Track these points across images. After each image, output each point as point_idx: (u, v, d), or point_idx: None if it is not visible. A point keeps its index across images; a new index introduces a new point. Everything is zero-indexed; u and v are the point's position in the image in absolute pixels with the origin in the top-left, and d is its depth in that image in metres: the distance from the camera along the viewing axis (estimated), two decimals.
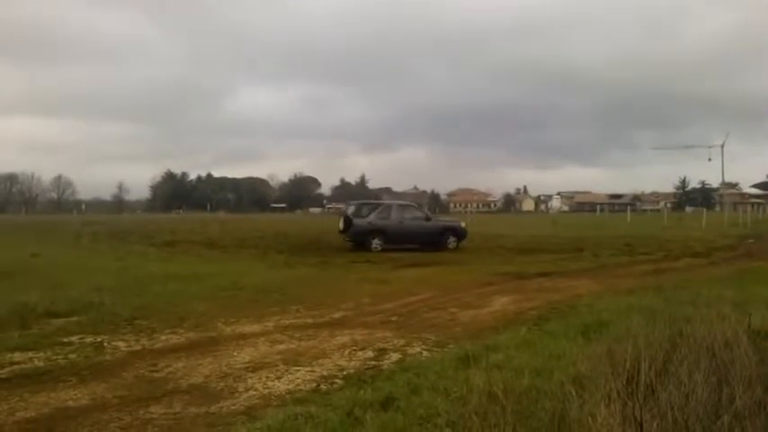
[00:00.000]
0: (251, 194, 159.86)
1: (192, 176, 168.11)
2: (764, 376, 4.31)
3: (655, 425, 3.63)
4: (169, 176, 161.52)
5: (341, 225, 24.78)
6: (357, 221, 24.20)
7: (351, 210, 25.76)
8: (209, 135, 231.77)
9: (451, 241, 24.92)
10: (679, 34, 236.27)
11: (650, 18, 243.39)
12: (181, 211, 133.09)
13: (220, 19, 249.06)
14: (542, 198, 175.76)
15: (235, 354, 7.20)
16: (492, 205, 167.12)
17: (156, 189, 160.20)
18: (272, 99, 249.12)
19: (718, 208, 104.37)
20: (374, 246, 23.57)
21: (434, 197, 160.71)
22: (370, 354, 7.11)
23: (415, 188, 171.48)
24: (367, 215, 24.66)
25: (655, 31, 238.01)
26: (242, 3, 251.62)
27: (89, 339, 7.91)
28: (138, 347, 7.56)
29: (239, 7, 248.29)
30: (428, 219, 26.34)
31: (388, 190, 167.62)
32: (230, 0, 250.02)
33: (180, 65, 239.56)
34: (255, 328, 8.73)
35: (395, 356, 6.96)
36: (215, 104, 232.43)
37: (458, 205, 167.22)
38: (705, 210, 73.40)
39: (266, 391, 5.79)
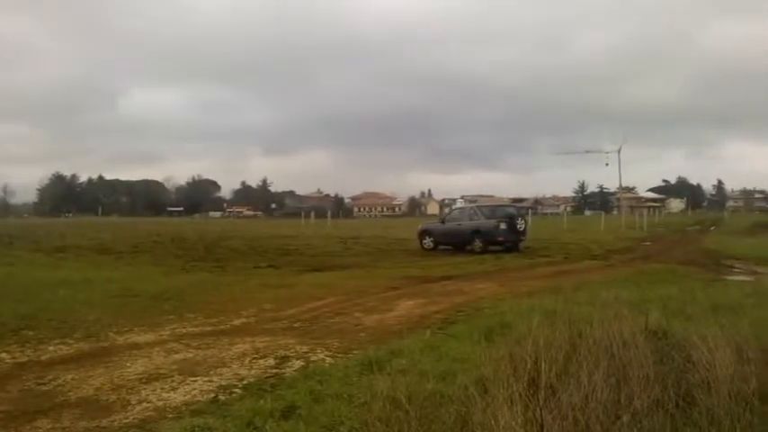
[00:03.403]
0: (146, 198, 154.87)
1: (83, 179, 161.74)
2: (661, 375, 4.44)
3: (556, 426, 3.64)
4: (58, 179, 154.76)
5: (502, 226, 24.68)
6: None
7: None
8: (101, 136, 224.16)
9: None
10: (569, 45, 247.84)
11: (542, 29, 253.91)
12: (70, 214, 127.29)
13: (113, 19, 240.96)
14: (447, 202, 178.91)
15: (128, 364, 6.88)
16: (397, 209, 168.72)
17: (43, 192, 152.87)
18: (168, 100, 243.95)
19: (616, 211, 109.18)
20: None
21: (338, 201, 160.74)
22: (271, 362, 6.92)
23: (319, 191, 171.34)
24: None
25: (546, 42, 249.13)
26: (135, 3, 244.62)
27: None
28: (24, 359, 7.17)
29: (132, 7, 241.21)
30: None
31: (291, 193, 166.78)
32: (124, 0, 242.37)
33: (70, 65, 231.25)
34: (150, 337, 8.38)
35: (297, 364, 6.81)
36: (108, 105, 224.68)
37: (362, 209, 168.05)
38: (604, 213, 76.76)
39: (161, 402, 5.53)
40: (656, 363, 4.71)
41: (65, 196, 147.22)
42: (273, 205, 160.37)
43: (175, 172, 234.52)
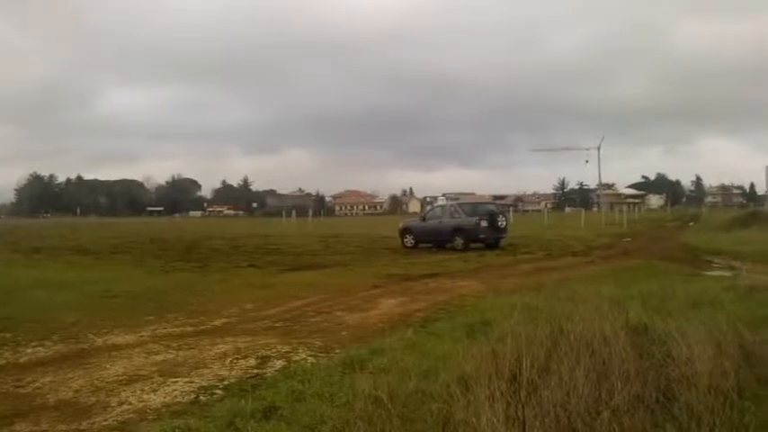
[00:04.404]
0: (125, 198, 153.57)
1: (61, 179, 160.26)
2: (642, 371, 4.46)
3: (537, 423, 3.65)
4: (35, 179, 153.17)
5: (483, 223, 24.86)
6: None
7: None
8: (80, 136, 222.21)
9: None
10: (543, 44, 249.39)
11: (514, 29, 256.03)
12: (48, 215, 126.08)
13: (90, 18, 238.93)
14: (428, 199, 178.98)
15: (107, 366, 6.82)
16: (378, 207, 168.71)
17: (21, 192, 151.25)
18: (147, 99, 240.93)
19: (596, 208, 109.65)
20: None
21: (320, 199, 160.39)
22: (252, 362, 6.88)
23: (300, 190, 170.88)
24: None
25: (520, 41, 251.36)
26: (114, 2, 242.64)
27: None
28: (2, 362, 7.12)
29: (110, 6, 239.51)
30: None
31: (272, 192, 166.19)
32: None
33: (47, 65, 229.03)
34: (130, 338, 8.31)
35: (279, 364, 6.77)
36: (86, 105, 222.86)
37: (344, 207, 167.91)
38: (584, 210, 77.26)
39: (141, 404, 5.49)
40: (636, 358, 4.73)
41: (43, 197, 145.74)
42: (254, 204, 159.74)
43: (155, 171, 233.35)
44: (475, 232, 24.68)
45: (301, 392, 5.31)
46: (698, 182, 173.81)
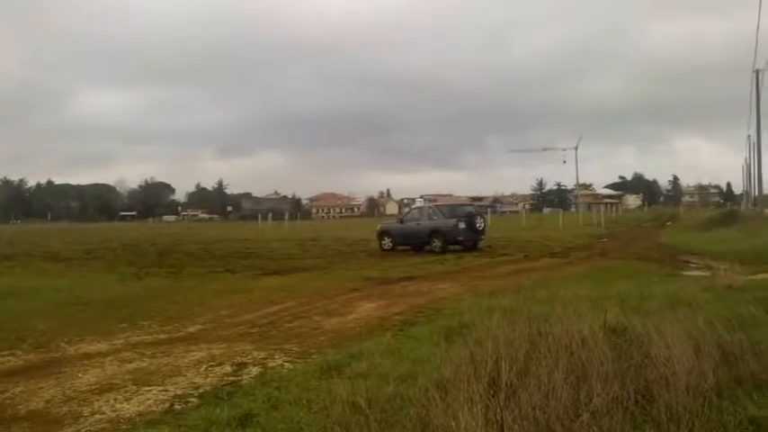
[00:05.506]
0: (97, 202, 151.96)
1: (32, 183, 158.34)
2: (621, 372, 4.45)
3: (516, 426, 3.61)
4: (5, 184, 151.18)
5: (462, 225, 24.80)
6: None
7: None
8: (50, 140, 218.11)
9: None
10: (518, 45, 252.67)
11: (489, 30, 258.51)
12: (18, 221, 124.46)
13: (59, 20, 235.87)
14: (406, 201, 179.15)
15: (80, 375, 6.72)
16: (356, 209, 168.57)
17: None
18: (119, 102, 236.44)
19: (573, 208, 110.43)
20: None
21: (296, 202, 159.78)
22: (228, 369, 6.79)
23: (276, 193, 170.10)
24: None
25: (495, 42, 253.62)
26: (83, 4, 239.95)
27: None
28: None
29: (80, 8, 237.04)
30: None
31: (247, 195, 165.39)
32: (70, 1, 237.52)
33: (16, 67, 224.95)
34: (103, 346, 8.19)
35: (255, 370, 6.69)
36: (56, 108, 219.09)
37: (321, 210, 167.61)
38: (562, 211, 77.91)
39: (114, 414, 5.38)
40: (614, 360, 4.72)
41: (12, 202, 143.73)
42: (230, 208, 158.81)
43: (127, 175, 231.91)
44: (453, 234, 24.70)
45: (278, 399, 5.24)
46: (675, 181, 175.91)
